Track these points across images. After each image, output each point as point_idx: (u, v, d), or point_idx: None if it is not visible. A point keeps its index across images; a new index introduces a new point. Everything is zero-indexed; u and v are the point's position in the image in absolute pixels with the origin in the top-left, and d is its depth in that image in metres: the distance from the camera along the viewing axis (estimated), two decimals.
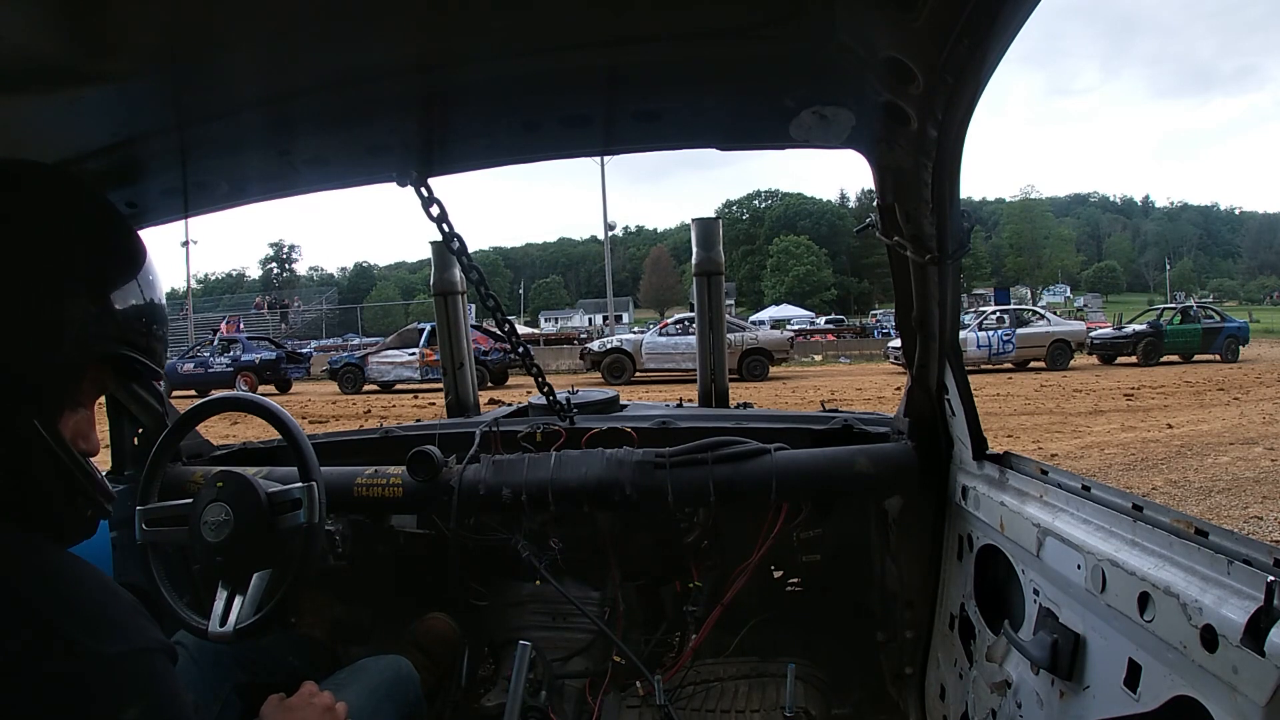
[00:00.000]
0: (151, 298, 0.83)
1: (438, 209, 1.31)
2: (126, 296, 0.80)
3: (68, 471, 0.76)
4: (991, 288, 45.87)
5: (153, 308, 0.83)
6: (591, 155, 1.30)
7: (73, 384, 0.77)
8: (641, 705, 1.65)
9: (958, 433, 1.42)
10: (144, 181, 1.22)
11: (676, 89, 1.08)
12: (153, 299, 0.83)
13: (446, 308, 2.49)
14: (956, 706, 1.39)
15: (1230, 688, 0.69)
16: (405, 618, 1.84)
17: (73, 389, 0.77)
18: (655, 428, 1.86)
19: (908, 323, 1.40)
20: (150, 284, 0.83)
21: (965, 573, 1.38)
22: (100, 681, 0.67)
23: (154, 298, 0.83)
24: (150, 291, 0.83)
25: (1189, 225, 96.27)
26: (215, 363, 17.98)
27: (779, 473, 1.52)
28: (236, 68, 0.96)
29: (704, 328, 2.52)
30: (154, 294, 0.84)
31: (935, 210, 1.11)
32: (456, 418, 2.41)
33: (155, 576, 1.40)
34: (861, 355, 23.66)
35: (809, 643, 1.81)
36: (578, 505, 1.59)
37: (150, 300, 0.82)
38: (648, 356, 17.14)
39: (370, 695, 1.29)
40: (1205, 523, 0.81)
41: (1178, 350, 18.11)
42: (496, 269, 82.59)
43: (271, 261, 79.03)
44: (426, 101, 1.09)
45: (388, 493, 1.63)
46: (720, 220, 2.65)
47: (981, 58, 0.81)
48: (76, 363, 0.76)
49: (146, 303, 0.82)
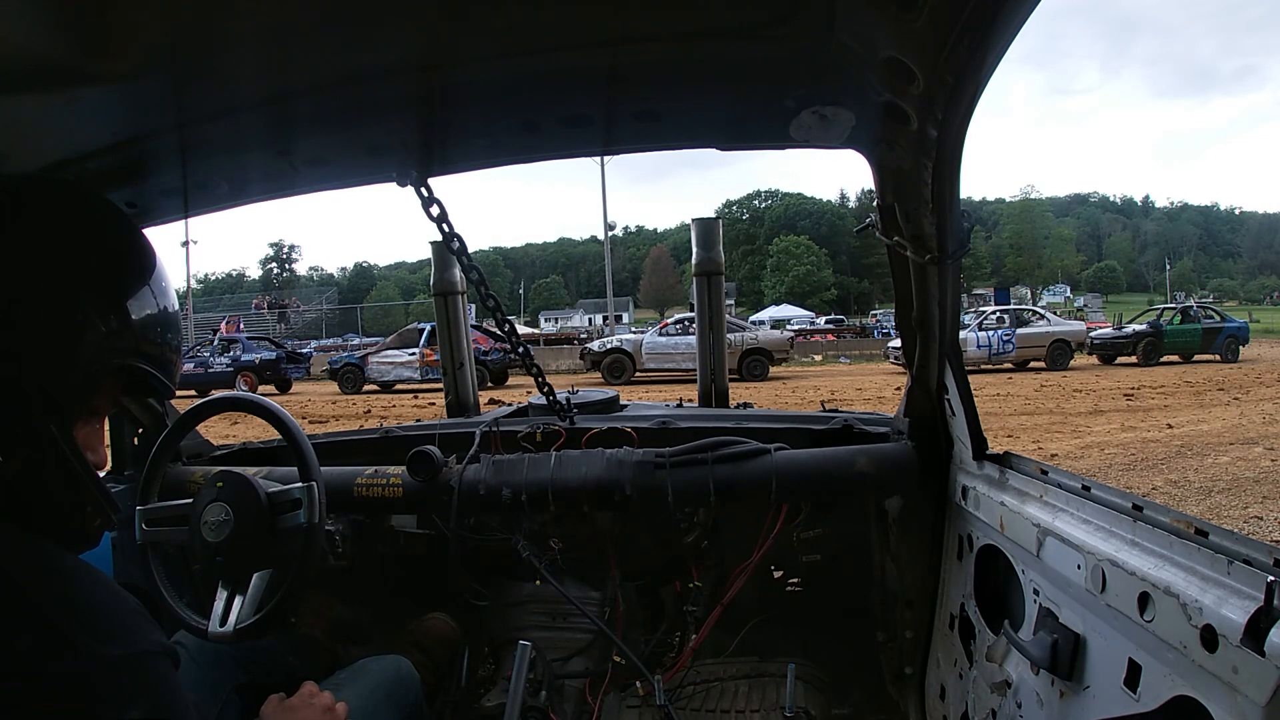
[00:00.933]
0: (165, 305, 0.84)
1: (438, 209, 1.31)
2: (141, 305, 0.81)
3: (78, 480, 0.77)
4: (991, 288, 45.87)
5: (166, 316, 0.84)
6: (591, 155, 1.30)
7: (88, 396, 0.78)
8: (641, 705, 1.65)
9: (958, 433, 1.42)
10: (144, 181, 1.22)
11: (676, 89, 1.08)
12: (166, 306, 0.84)
13: (446, 308, 2.49)
14: (956, 706, 1.39)
15: (1230, 688, 0.69)
16: (405, 618, 1.84)
17: (88, 400, 0.78)
18: (655, 428, 1.86)
19: (908, 323, 1.40)
20: (163, 290, 0.84)
21: (965, 573, 1.38)
22: (104, 683, 0.67)
23: (167, 305, 0.84)
24: (163, 299, 0.84)
25: (1189, 225, 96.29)
26: (215, 363, 17.97)
27: (779, 473, 1.52)
28: (236, 68, 0.96)
29: (704, 328, 2.52)
30: (167, 301, 0.85)
31: (935, 210, 1.11)
32: (456, 418, 2.41)
33: (155, 576, 1.40)
34: (861, 355, 23.66)
35: (809, 643, 1.81)
36: (578, 505, 1.59)
37: (164, 308, 0.84)
38: (648, 356, 17.14)
39: (370, 695, 1.29)
40: (1205, 523, 0.81)
41: (1178, 350, 18.10)
42: (496, 269, 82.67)
43: (271, 262, 79.14)
44: (426, 101, 1.08)
45: (388, 493, 1.63)
46: (720, 220, 2.65)
47: (981, 58, 0.81)
48: (94, 374, 0.77)
49: (160, 310, 0.83)
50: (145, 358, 0.81)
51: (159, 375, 0.82)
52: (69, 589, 0.70)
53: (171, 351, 0.84)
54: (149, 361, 0.81)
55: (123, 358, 0.79)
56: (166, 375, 0.84)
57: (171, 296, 0.86)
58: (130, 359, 0.79)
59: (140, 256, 0.84)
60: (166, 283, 0.85)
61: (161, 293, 0.83)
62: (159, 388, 0.84)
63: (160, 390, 0.84)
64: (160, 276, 0.84)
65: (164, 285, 0.84)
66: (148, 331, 0.81)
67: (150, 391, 0.85)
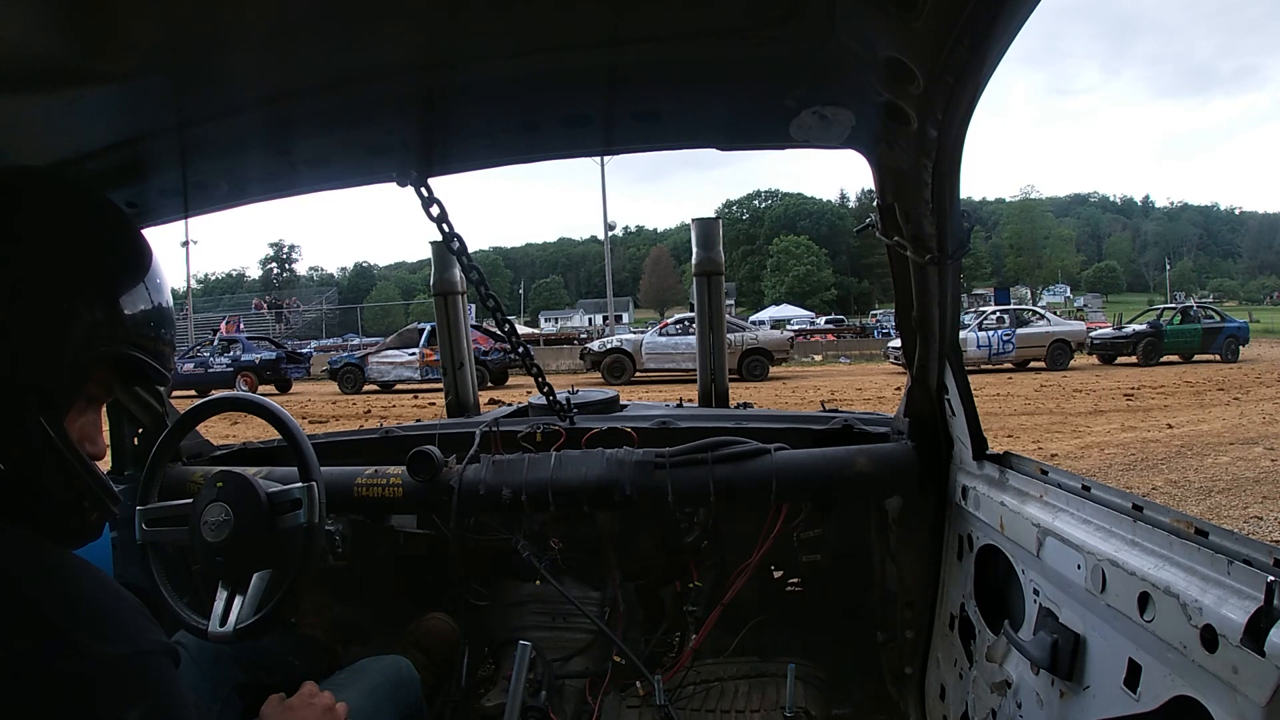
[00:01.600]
0: (159, 301, 0.83)
1: (438, 209, 1.31)
2: (135, 300, 0.80)
3: (74, 473, 0.76)
4: (991, 288, 45.85)
5: (160, 311, 0.83)
6: (591, 155, 1.30)
7: (79, 385, 0.77)
8: (641, 705, 1.65)
9: (958, 433, 1.42)
10: (144, 181, 1.22)
11: (676, 89, 1.08)
12: (160, 303, 0.83)
13: (446, 308, 2.49)
14: (956, 706, 1.39)
15: (1230, 688, 0.69)
16: (405, 618, 1.84)
17: (79, 390, 0.77)
18: (655, 428, 1.86)
19: (908, 323, 1.40)
20: (158, 288, 0.83)
21: (965, 573, 1.38)
22: (104, 682, 0.67)
23: (161, 301, 0.84)
24: (158, 295, 0.83)
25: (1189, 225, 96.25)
26: (215, 363, 17.97)
27: (779, 473, 1.52)
28: (237, 68, 0.96)
29: (704, 328, 2.52)
30: (161, 298, 0.84)
31: (935, 210, 1.11)
32: (456, 418, 2.41)
33: (155, 576, 1.40)
34: (861, 355, 23.65)
35: (809, 643, 1.81)
36: (578, 505, 1.59)
37: (158, 304, 0.83)
38: (648, 356, 17.13)
39: (370, 696, 1.29)
40: (1205, 523, 0.81)
41: (1178, 350, 18.10)
42: (496, 269, 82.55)
43: (271, 262, 79.12)
44: (426, 101, 1.08)
45: (388, 493, 1.63)
46: (720, 220, 2.65)
47: (981, 58, 0.81)
48: (83, 364, 0.76)
49: (154, 306, 0.82)
50: (137, 346, 0.80)
51: (152, 362, 0.82)
52: (69, 587, 0.70)
53: (164, 344, 0.84)
54: (142, 350, 0.81)
55: (113, 345, 0.78)
56: (160, 362, 0.83)
57: (166, 292, 0.85)
58: (122, 347, 0.79)
59: (131, 249, 0.83)
60: (161, 279, 0.85)
61: (156, 289, 0.83)
62: (152, 374, 0.83)
63: (154, 377, 0.84)
64: (155, 273, 0.84)
65: (159, 282, 0.84)
66: (140, 324, 0.80)
67: (144, 379, 0.84)
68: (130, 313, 0.79)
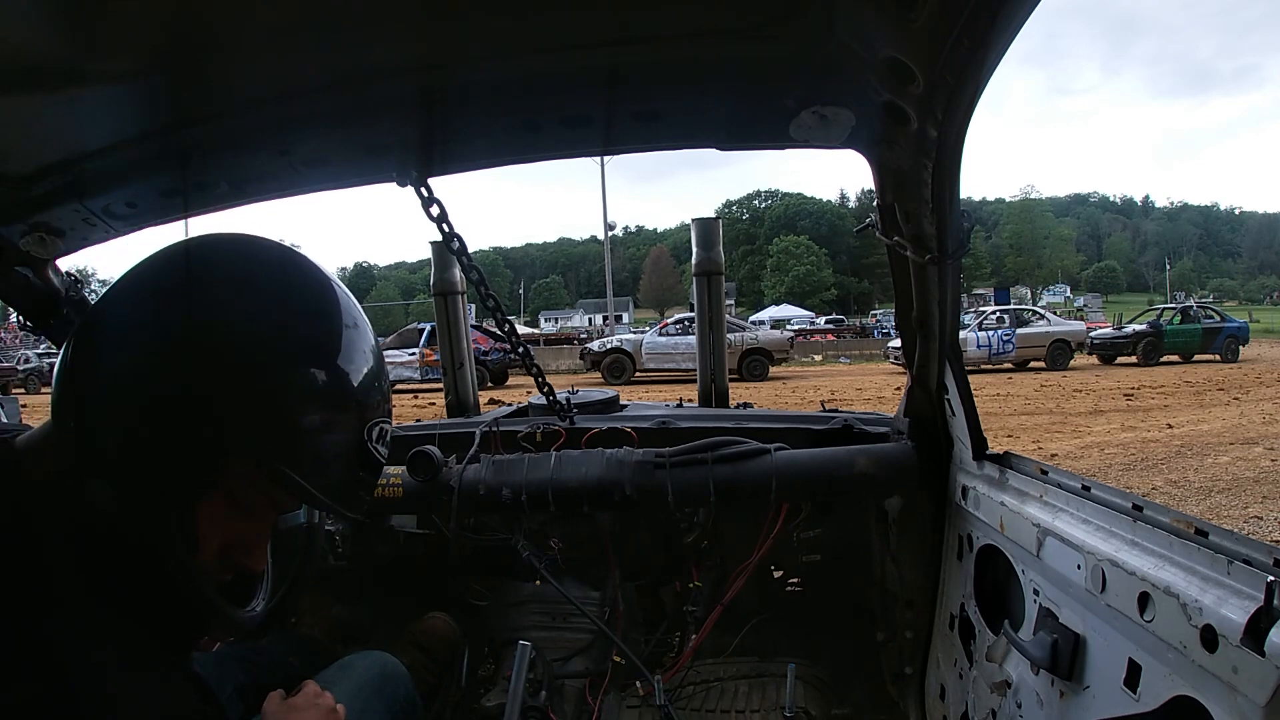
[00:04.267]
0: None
1: (438, 209, 1.31)
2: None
3: (179, 572, 0.73)
4: (991, 288, 45.91)
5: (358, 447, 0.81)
6: (591, 155, 1.29)
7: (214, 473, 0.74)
8: (641, 705, 1.65)
9: (958, 433, 1.42)
10: (144, 181, 1.22)
11: (676, 89, 1.08)
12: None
13: (446, 308, 2.49)
14: (956, 706, 1.39)
15: (1230, 688, 0.69)
16: (405, 618, 1.84)
17: (214, 479, 0.74)
18: (655, 428, 1.86)
19: (908, 323, 1.40)
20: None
21: (965, 573, 1.38)
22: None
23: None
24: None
25: (1189, 225, 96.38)
26: None
27: (779, 473, 1.52)
28: (236, 68, 0.96)
29: (704, 328, 2.52)
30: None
31: (935, 210, 1.11)
32: (456, 418, 2.41)
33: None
34: (861, 355, 23.66)
35: (809, 643, 1.81)
36: (578, 505, 1.59)
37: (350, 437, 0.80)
38: (648, 356, 17.13)
39: (358, 693, 1.28)
40: (1205, 523, 0.81)
41: (1178, 350, 18.10)
42: (496, 269, 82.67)
43: None
44: (426, 101, 1.08)
45: (388, 493, 1.63)
46: (720, 220, 2.65)
47: (981, 58, 0.80)
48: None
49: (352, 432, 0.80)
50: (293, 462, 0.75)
51: (328, 503, 0.78)
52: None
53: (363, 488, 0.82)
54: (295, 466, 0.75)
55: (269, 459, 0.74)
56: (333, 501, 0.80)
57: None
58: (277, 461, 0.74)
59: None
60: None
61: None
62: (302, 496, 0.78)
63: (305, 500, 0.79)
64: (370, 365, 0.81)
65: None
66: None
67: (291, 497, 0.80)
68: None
